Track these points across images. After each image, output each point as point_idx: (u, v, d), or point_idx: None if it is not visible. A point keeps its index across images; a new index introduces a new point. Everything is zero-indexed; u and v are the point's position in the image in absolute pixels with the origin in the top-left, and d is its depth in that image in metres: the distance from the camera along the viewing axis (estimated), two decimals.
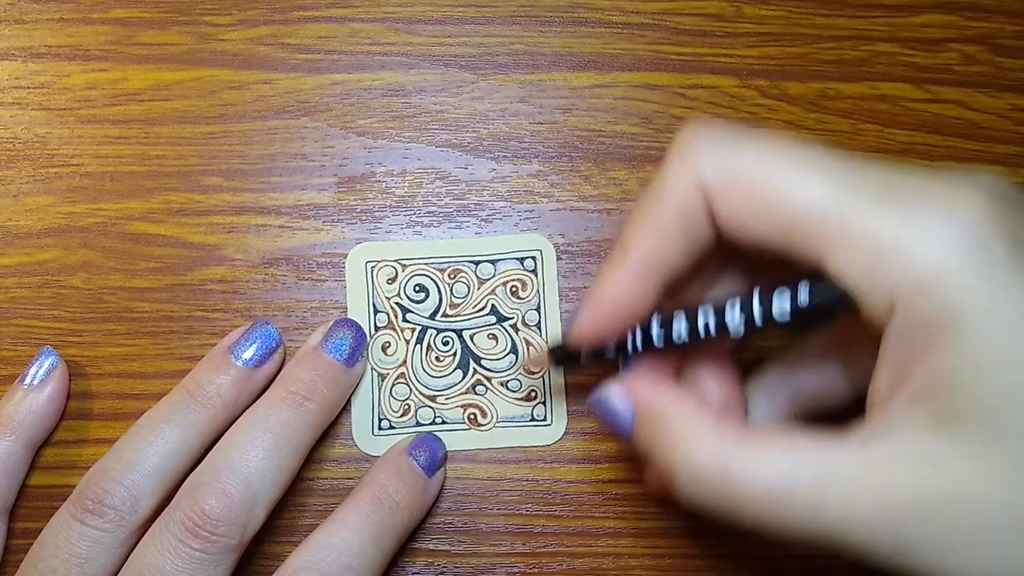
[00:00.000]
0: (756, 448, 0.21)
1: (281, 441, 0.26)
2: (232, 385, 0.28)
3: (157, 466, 0.26)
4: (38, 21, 0.33)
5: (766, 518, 0.21)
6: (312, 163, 0.32)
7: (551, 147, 0.33)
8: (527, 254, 0.32)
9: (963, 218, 0.19)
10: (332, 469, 0.30)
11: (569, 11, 0.34)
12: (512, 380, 0.31)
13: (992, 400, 0.19)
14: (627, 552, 0.30)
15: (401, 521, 0.27)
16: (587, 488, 0.30)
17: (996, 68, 0.33)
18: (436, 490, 0.29)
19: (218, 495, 0.25)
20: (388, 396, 0.31)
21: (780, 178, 0.21)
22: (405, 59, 0.33)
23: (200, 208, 0.32)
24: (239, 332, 0.29)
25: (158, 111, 0.33)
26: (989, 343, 0.19)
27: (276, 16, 0.33)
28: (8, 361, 0.31)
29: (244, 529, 0.25)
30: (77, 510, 0.26)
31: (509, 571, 0.30)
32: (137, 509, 0.26)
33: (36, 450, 0.30)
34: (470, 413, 0.31)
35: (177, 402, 0.28)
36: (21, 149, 0.32)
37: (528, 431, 0.31)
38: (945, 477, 0.20)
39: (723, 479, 0.21)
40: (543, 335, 0.31)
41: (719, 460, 0.21)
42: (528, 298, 0.31)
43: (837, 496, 0.20)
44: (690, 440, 0.22)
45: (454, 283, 0.31)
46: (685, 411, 0.23)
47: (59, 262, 0.32)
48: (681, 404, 0.23)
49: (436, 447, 0.29)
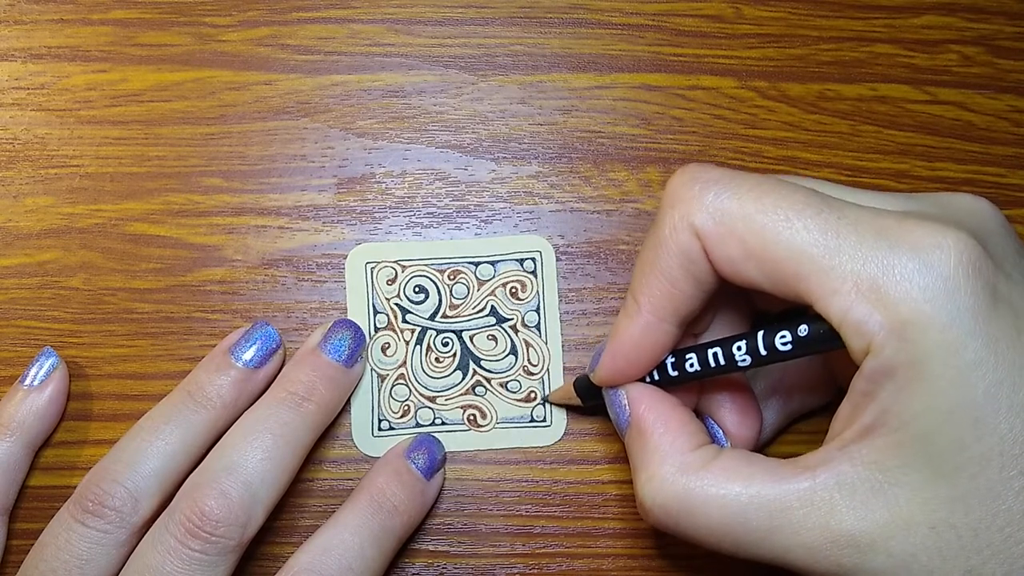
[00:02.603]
0: (716, 477, 0.23)
1: (280, 442, 0.26)
2: (232, 386, 0.28)
3: (157, 467, 0.26)
4: (38, 22, 0.33)
5: (722, 541, 0.23)
6: (312, 164, 0.32)
7: (551, 148, 0.33)
8: (526, 255, 0.32)
9: (941, 270, 0.20)
10: (331, 470, 0.30)
11: (569, 12, 0.34)
12: (512, 381, 0.31)
13: (938, 441, 0.20)
14: (627, 552, 0.30)
15: (400, 524, 0.27)
16: (587, 489, 0.30)
17: (995, 70, 0.33)
18: (435, 492, 0.29)
19: (217, 496, 0.25)
20: (388, 397, 0.31)
21: (767, 225, 0.22)
22: (405, 60, 0.33)
23: (200, 209, 0.32)
24: (239, 333, 0.29)
25: (158, 112, 0.33)
26: (944, 387, 0.20)
27: (276, 17, 0.33)
28: (8, 362, 0.31)
29: (243, 530, 0.25)
30: (77, 511, 0.26)
31: (509, 572, 0.30)
32: (137, 510, 0.26)
33: (36, 451, 0.30)
34: (470, 414, 0.31)
35: (177, 403, 0.28)
36: (21, 150, 0.32)
37: (528, 432, 0.31)
38: (884, 510, 0.21)
39: (683, 503, 0.23)
40: (543, 336, 0.31)
41: (681, 487, 0.23)
42: (528, 299, 0.31)
43: (787, 523, 0.22)
44: (658, 463, 0.24)
45: (454, 284, 0.31)
46: (663, 432, 0.25)
47: (59, 263, 0.32)
48: (664, 423, 0.25)
49: (435, 449, 0.29)
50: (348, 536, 0.26)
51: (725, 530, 0.23)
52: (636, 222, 0.32)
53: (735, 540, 0.23)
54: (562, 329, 0.31)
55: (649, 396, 0.26)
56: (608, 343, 0.26)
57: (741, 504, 0.22)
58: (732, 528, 0.22)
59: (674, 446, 0.24)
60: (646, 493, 0.24)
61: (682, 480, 0.23)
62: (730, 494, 0.23)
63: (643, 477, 0.24)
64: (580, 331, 0.31)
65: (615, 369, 0.26)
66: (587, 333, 0.31)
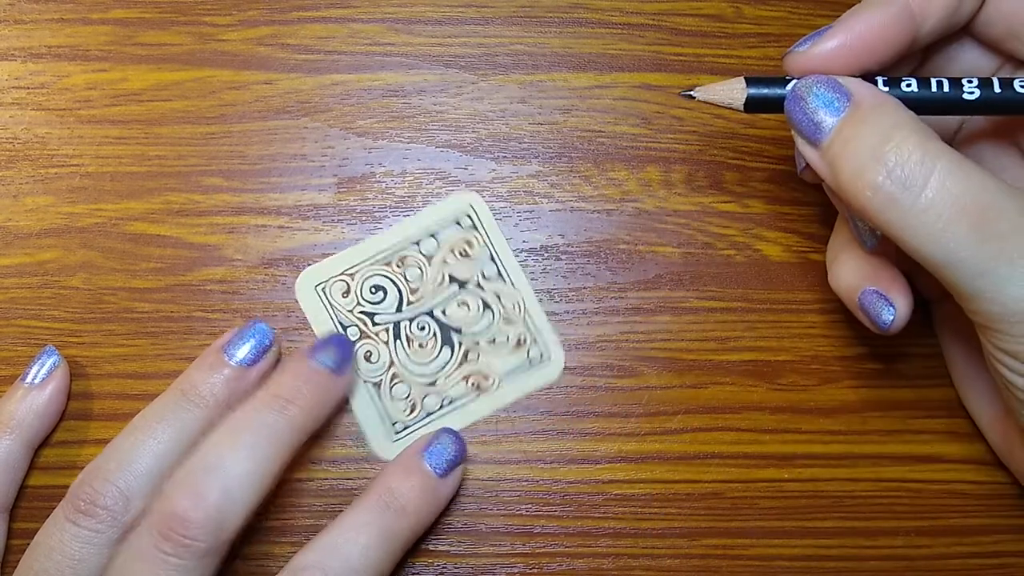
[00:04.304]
0: (963, 166, 0.22)
1: (262, 444, 0.26)
2: (225, 384, 0.28)
3: (150, 466, 0.26)
4: (38, 21, 0.33)
5: (924, 235, 0.22)
6: (312, 163, 0.32)
7: (551, 148, 0.33)
8: (461, 213, 0.32)
9: None
10: (331, 470, 0.30)
11: (569, 12, 0.34)
12: (497, 335, 0.31)
13: None
14: (627, 552, 0.30)
15: (408, 525, 0.27)
16: (587, 488, 0.30)
17: None
18: (450, 491, 0.29)
19: (191, 496, 0.24)
20: (390, 400, 0.31)
21: None
22: (405, 59, 0.33)
23: (200, 208, 0.32)
24: (233, 332, 0.29)
25: (158, 111, 0.32)
26: None
27: (276, 16, 0.33)
28: (8, 361, 0.31)
29: (218, 533, 0.24)
30: (70, 511, 0.26)
31: (509, 571, 0.30)
32: (129, 509, 0.26)
33: (36, 449, 0.30)
34: (472, 382, 0.31)
35: (170, 402, 0.28)
36: (21, 149, 0.32)
37: (532, 375, 0.31)
38: None
39: (917, 190, 0.22)
40: (507, 281, 0.31)
41: (926, 169, 0.22)
42: (478, 254, 0.31)
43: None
44: (903, 133, 0.22)
45: (405, 270, 0.31)
46: (903, 107, 0.23)
47: (59, 262, 0.32)
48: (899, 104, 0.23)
49: (451, 447, 0.29)
50: (353, 535, 0.26)
51: (935, 229, 0.22)
52: (636, 222, 0.32)
53: (942, 236, 0.22)
54: (539, 322, 0.31)
55: (871, 91, 0.24)
56: (839, 23, 0.24)
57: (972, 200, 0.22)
58: (944, 227, 0.22)
59: (918, 120, 0.23)
60: (880, 167, 0.22)
61: (930, 160, 0.22)
62: (969, 188, 0.22)
63: (885, 149, 0.22)
64: (580, 331, 0.31)
65: (844, 46, 0.24)
66: (587, 333, 0.31)
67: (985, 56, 0.27)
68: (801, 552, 0.30)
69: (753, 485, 0.31)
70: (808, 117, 0.24)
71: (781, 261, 0.32)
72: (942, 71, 0.27)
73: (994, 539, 0.31)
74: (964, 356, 0.30)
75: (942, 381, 0.32)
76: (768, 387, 0.31)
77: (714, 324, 0.32)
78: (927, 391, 0.32)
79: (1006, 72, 0.26)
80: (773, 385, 0.31)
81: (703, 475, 0.31)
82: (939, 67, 0.27)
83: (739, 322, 0.32)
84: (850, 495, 0.31)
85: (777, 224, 0.32)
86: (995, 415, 0.30)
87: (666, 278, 0.32)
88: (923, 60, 0.27)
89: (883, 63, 0.24)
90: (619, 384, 0.31)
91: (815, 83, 0.24)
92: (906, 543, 0.31)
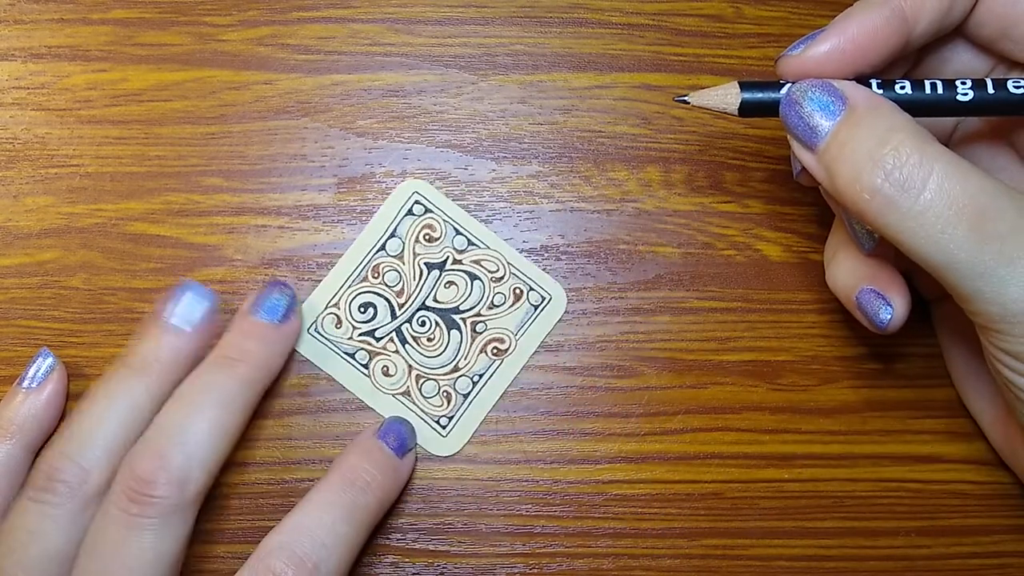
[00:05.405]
0: (961, 167, 0.22)
1: (213, 403, 0.27)
2: (167, 348, 0.28)
3: (106, 440, 0.27)
4: (38, 21, 0.33)
5: (922, 237, 0.22)
6: (312, 164, 0.32)
7: (551, 148, 0.33)
8: (412, 202, 0.32)
9: None
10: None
11: (569, 12, 0.34)
12: (495, 297, 0.31)
13: None
14: (627, 552, 0.30)
15: (374, 499, 0.27)
16: (587, 488, 0.30)
17: None
18: (407, 471, 0.30)
19: (151, 457, 0.25)
20: (424, 402, 0.31)
21: None
22: (405, 60, 0.33)
23: (200, 209, 0.32)
24: (165, 296, 0.29)
25: (158, 111, 0.32)
26: None
27: (276, 16, 0.33)
28: (8, 362, 0.31)
29: (182, 488, 0.25)
30: (30, 491, 0.26)
31: (509, 571, 0.30)
32: (88, 480, 0.26)
33: (36, 452, 0.30)
34: (491, 348, 0.31)
35: (117, 375, 0.28)
36: (21, 149, 0.32)
37: (542, 320, 0.31)
38: None
39: (915, 192, 0.22)
40: (482, 245, 0.31)
41: (924, 171, 0.22)
42: (444, 235, 0.32)
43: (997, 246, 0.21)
44: (900, 136, 0.22)
45: (381, 277, 0.31)
46: (898, 110, 0.23)
47: (59, 263, 0.32)
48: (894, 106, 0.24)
49: (404, 431, 0.30)
50: (320, 514, 0.26)
51: (931, 228, 0.22)
52: (636, 222, 0.32)
53: (935, 236, 0.22)
54: (525, 269, 0.31)
55: (866, 94, 0.24)
56: (831, 26, 0.24)
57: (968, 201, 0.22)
58: (939, 227, 0.22)
59: (913, 123, 0.23)
60: (876, 169, 0.22)
61: (927, 162, 0.22)
62: (967, 189, 0.22)
63: (882, 151, 0.22)
64: (580, 331, 0.31)
65: (837, 50, 0.24)
66: (587, 333, 0.31)
67: (978, 57, 0.27)
68: (801, 552, 0.30)
69: (753, 485, 0.31)
70: (804, 121, 0.24)
71: (781, 261, 0.32)
72: (936, 73, 0.27)
73: (994, 539, 0.31)
74: (964, 356, 0.30)
75: (942, 381, 0.32)
76: (768, 387, 0.31)
77: (714, 324, 0.32)
78: (927, 391, 0.32)
79: (999, 73, 0.27)
80: (773, 385, 0.31)
81: (703, 475, 0.31)
82: (932, 69, 0.27)
83: (739, 322, 0.32)
84: (850, 495, 0.31)
85: (777, 224, 0.32)
86: (996, 415, 0.30)
87: (666, 278, 0.32)
88: (916, 62, 0.27)
89: (876, 65, 0.24)
90: (619, 384, 0.31)
91: (810, 87, 0.24)
92: (906, 543, 0.31)
